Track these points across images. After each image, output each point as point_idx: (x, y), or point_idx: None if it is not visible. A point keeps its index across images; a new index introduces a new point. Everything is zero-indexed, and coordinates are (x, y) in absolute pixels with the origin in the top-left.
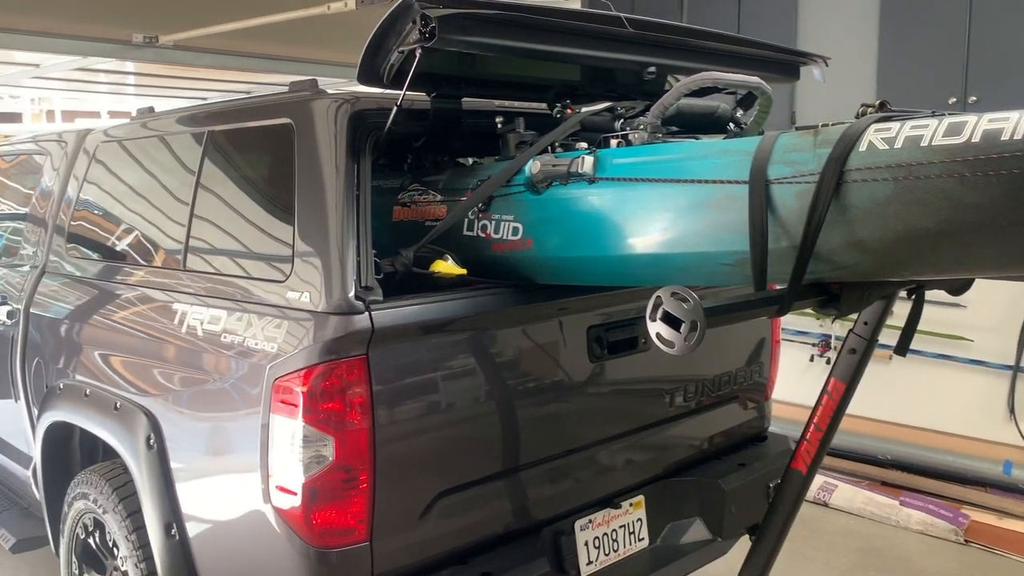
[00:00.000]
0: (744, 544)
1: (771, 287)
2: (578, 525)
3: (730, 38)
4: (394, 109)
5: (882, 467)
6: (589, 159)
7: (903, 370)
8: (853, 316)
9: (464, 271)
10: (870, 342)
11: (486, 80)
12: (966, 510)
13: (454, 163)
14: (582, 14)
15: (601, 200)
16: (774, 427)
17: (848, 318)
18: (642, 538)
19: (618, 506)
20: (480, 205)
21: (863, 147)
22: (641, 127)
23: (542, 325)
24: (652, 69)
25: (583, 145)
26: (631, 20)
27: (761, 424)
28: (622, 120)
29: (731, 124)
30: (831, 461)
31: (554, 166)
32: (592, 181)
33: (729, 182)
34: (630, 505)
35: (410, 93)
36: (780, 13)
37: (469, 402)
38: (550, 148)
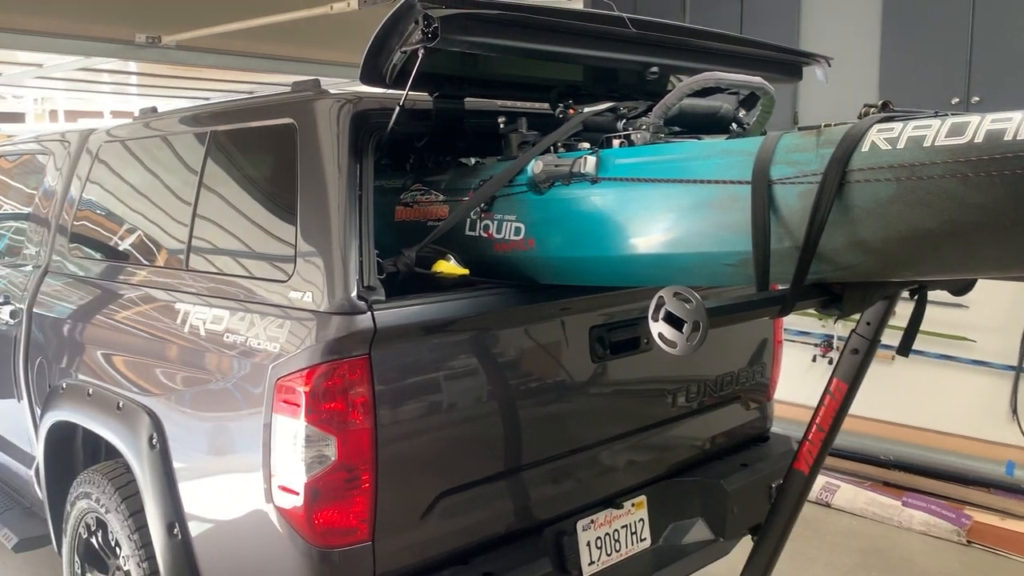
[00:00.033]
0: (746, 544)
1: (773, 287)
2: (580, 525)
3: (733, 38)
4: (396, 109)
5: (884, 468)
6: (591, 159)
7: (905, 370)
8: (855, 316)
9: (466, 271)
10: (872, 342)
11: (488, 80)
12: (968, 511)
13: (456, 163)
14: (584, 14)
15: (603, 200)
16: (776, 427)
17: (850, 318)
18: (644, 538)
19: (620, 506)
20: (482, 205)
21: (866, 147)
22: (643, 127)
23: (544, 325)
24: (655, 69)
25: (585, 145)
26: (633, 20)
27: (763, 424)
28: (624, 120)
29: (734, 124)
30: (833, 462)
31: (556, 166)
32: (594, 181)
33: (732, 182)
34: (632, 505)
35: (412, 93)
36: (783, 13)
37: (471, 402)
38: (552, 148)
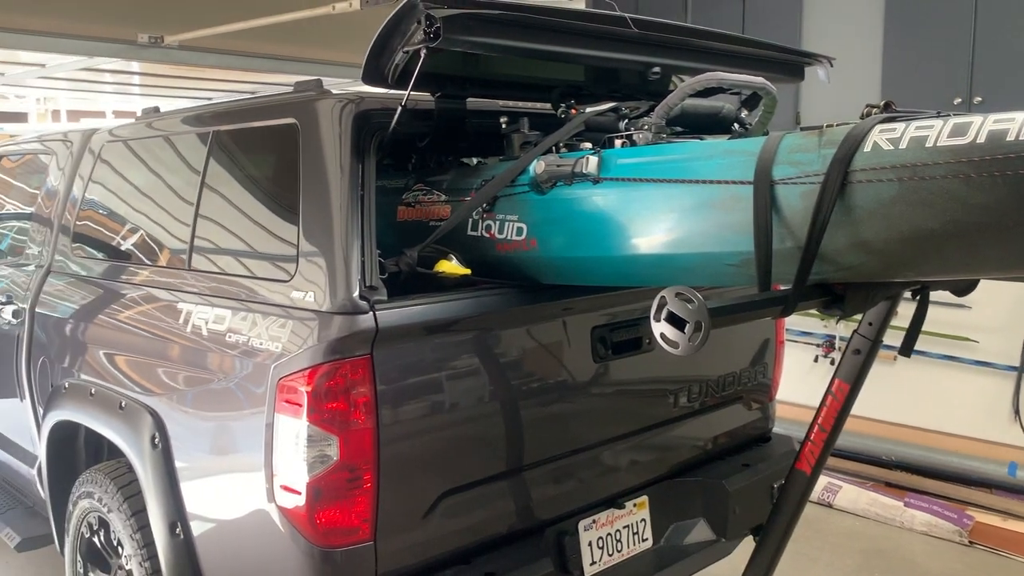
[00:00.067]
0: (748, 545)
1: (775, 288)
2: (582, 525)
3: (735, 38)
4: (398, 109)
5: (886, 468)
6: (593, 159)
7: (908, 371)
8: (858, 317)
9: (468, 271)
10: (874, 343)
11: (490, 80)
12: (971, 511)
13: (458, 163)
14: (586, 14)
15: (605, 200)
16: (778, 428)
17: (853, 319)
18: (646, 538)
19: (622, 506)
20: (484, 205)
21: (868, 148)
22: (645, 127)
23: (546, 325)
24: (656, 69)
25: (587, 145)
26: (635, 20)
27: (765, 425)
28: (626, 120)
29: (736, 124)
30: (835, 462)
31: (558, 166)
32: (596, 181)
33: (734, 182)
34: (634, 505)
35: (414, 93)
36: (785, 13)
37: (473, 402)
38: (554, 148)
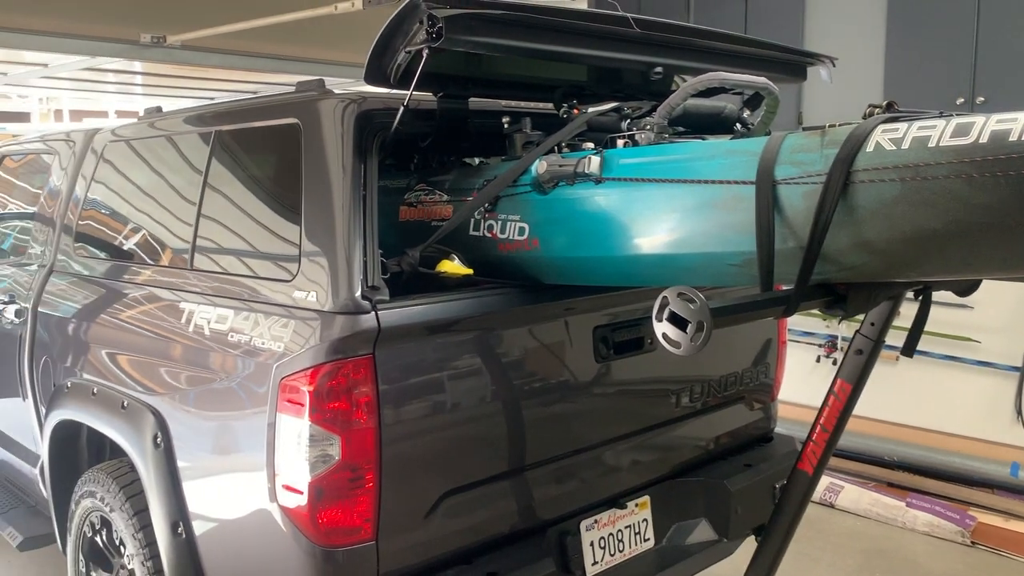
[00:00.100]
0: (750, 545)
1: (778, 288)
2: (584, 525)
3: (737, 38)
4: (401, 109)
5: (888, 468)
6: (595, 159)
7: (910, 371)
8: (860, 317)
9: (470, 271)
10: (877, 343)
11: (493, 80)
12: (973, 512)
13: (460, 163)
14: (589, 14)
15: (607, 200)
16: (780, 428)
17: (855, 319)
18: (647, 538)
19: (624, 506)
20: (486, 205)
21: (870, 148)
22: (648, 127)
23: (548, 325)
24: (659, 69)
25: (589, 145)
26: (638, 20)
27: (767, 425)
28: (629, 120)
29: (738, 124)
30: (837, 462)
31: (560, 166)
32: (598, 181)
33: (736, 182)
34: (636, 505)
35: (417, 93)
36: (787, 13)
37: (475, 402)
38: (556, 148)
